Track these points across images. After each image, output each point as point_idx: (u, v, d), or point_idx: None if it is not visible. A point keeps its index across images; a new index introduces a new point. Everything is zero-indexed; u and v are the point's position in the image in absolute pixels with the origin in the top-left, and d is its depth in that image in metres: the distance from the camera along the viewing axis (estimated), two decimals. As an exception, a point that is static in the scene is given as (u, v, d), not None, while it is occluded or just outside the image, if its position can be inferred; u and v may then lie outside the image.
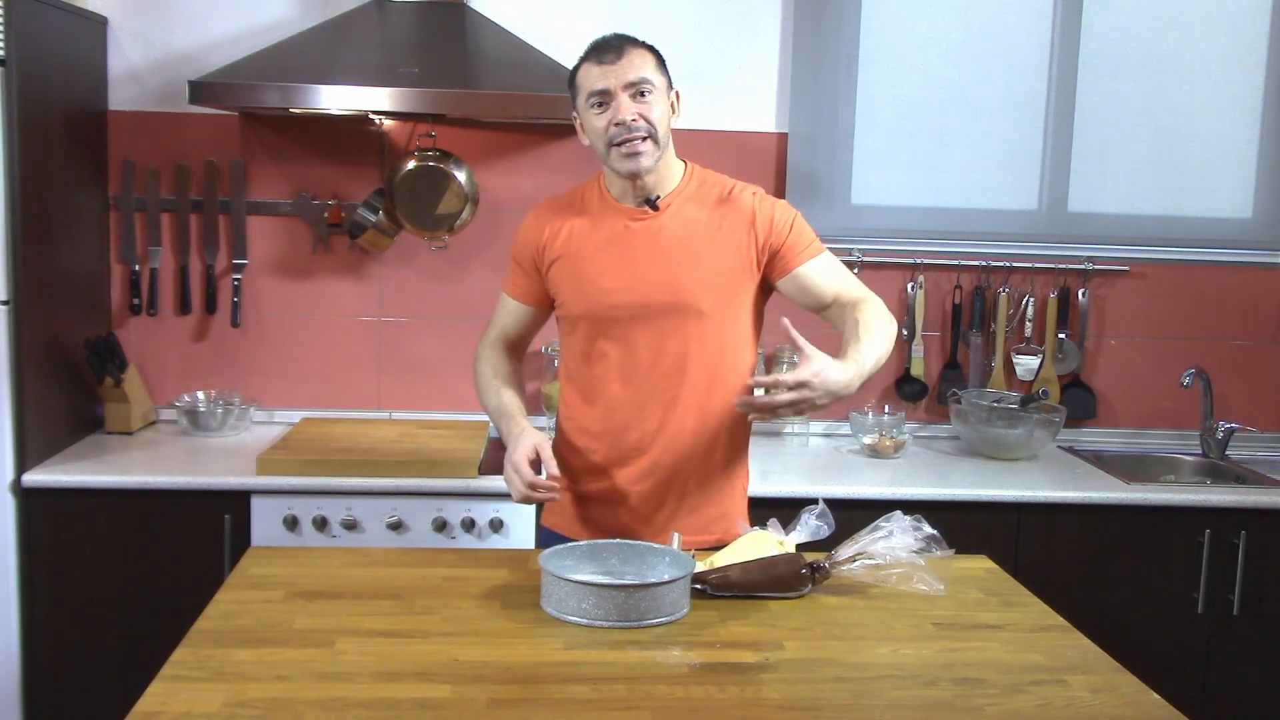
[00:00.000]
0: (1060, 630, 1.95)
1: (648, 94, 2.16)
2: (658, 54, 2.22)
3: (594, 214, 2.27)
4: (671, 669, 1.72)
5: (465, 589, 2.02)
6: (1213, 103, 3.57)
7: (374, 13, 3.17)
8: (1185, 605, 3.05)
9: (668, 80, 2.22)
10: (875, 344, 2.15)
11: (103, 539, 2.86)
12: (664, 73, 2.21)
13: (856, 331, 2.15)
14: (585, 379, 2.28)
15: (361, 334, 3.44)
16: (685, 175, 2.28)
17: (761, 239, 2.23)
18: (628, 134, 2.14)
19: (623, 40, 2.19)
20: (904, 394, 3.55)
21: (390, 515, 2.88)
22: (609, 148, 2.17)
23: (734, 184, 2.30)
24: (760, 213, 2.24)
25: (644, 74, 2.15)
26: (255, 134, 3.36)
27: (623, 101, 2.14)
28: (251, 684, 1.64)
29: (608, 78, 2.15)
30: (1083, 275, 3.55)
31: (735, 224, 2.23)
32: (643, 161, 2.16)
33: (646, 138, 2.15)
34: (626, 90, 2.14)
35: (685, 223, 2.23)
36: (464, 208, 3.29)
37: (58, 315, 3.05)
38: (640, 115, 2.14)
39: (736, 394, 2.13)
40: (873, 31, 3.48)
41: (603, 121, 2.16)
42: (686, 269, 2.20)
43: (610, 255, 2.23)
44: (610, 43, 2.18)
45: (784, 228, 2.24)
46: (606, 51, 2.16)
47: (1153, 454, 3.54)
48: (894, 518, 2.06)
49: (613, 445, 2.26)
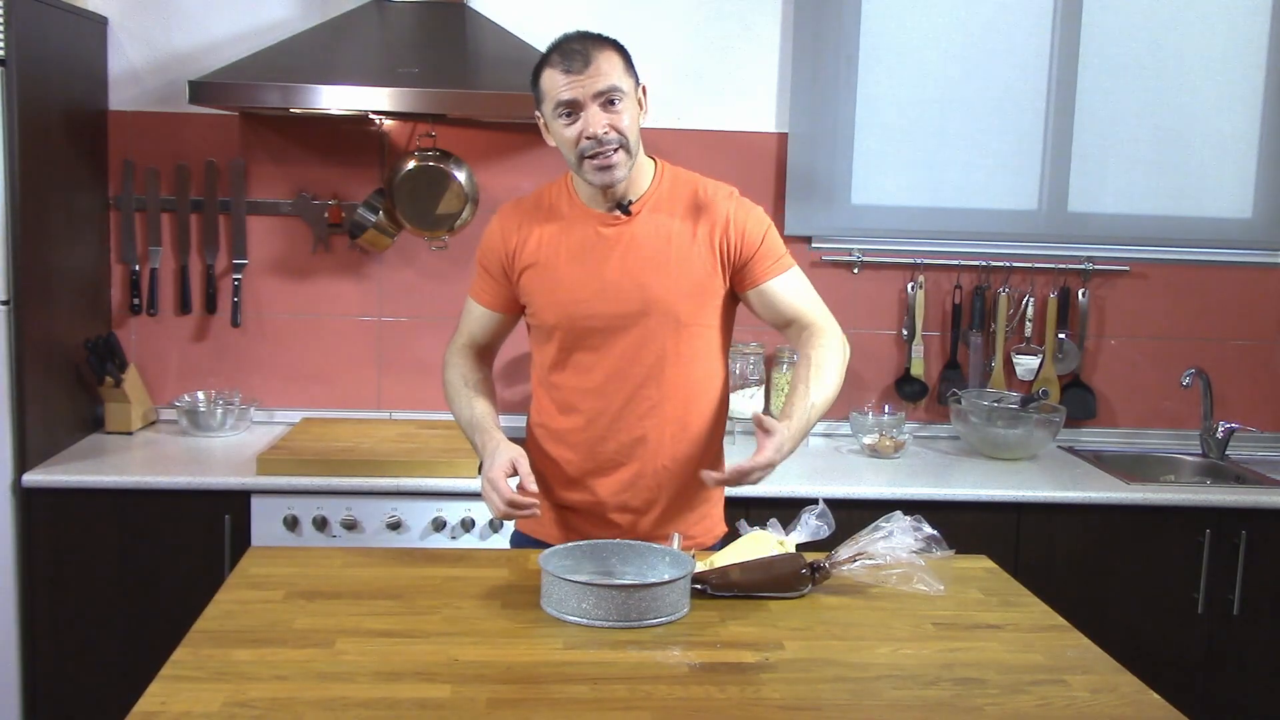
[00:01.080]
0: (1060, 630, 1.95)
1: (618, 102, 2.09)
2: (624, 52, 2.15)
3: (563, 219, 2.22)
4: (671, 669, 1.72)
5: (465, 589, 2.02)
6: (1213, 103, 3.57)
7: (374, 13, 3.17)
8: (1185, 605, 3.05)
9: (635, 79, 2.15)
10: (824, 389, 2.18)
11: (103, 539, 2.86)
12: (631, 72, 2.14)
13: (808, 378, 2.17)
14: (560, 389, 2.24)
15: (361, 334, 3.44)
16: (656, 176, 2.23)
17: (733, 247, 2.20)
18: (599, 147, 2.08)
19: (588, 43, 2.10)
20: (904, 394, 3.55)
21: (390, 515, 2.88)
22: (580, 160, 2.11)
23: (706, 184, 2.25)
24: (735, 220, 2.20)
25: (613, 81, 2.08)
26: (255, 134, 3.36)
27: (592, 113, 2.08)
28: (251, 684, 1.64)
29: (575, 88, 2.07)
30: (1083, 275, 3.55)
31: (708, 229, 2.20)
32: (616, 174, 2.12)
33: (618, 148, 2.10)
34: (596, 100, 2.08)
35: (658, 227, 2.19)
36: (464, 208, 3.29)
37: (58, 315, 3.05)
38: (611, 126, 2.08)
39: (709, 402, 2.25)
40: (873, 31, 3.48)
41: (572, 133, 2.10)
42: (662, 276, 2.17)
43: (583, 264, 2.19)
44: (575, 48, 2.09)
45: (755, 239, 2.21)
46: (573, 58, 2.07)
47: (1153, 454, 3.54)
48: (894, 518, 2.06)
49: (589, 455, 2.24)
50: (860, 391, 3.54)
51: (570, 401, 2.24)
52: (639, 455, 2.22)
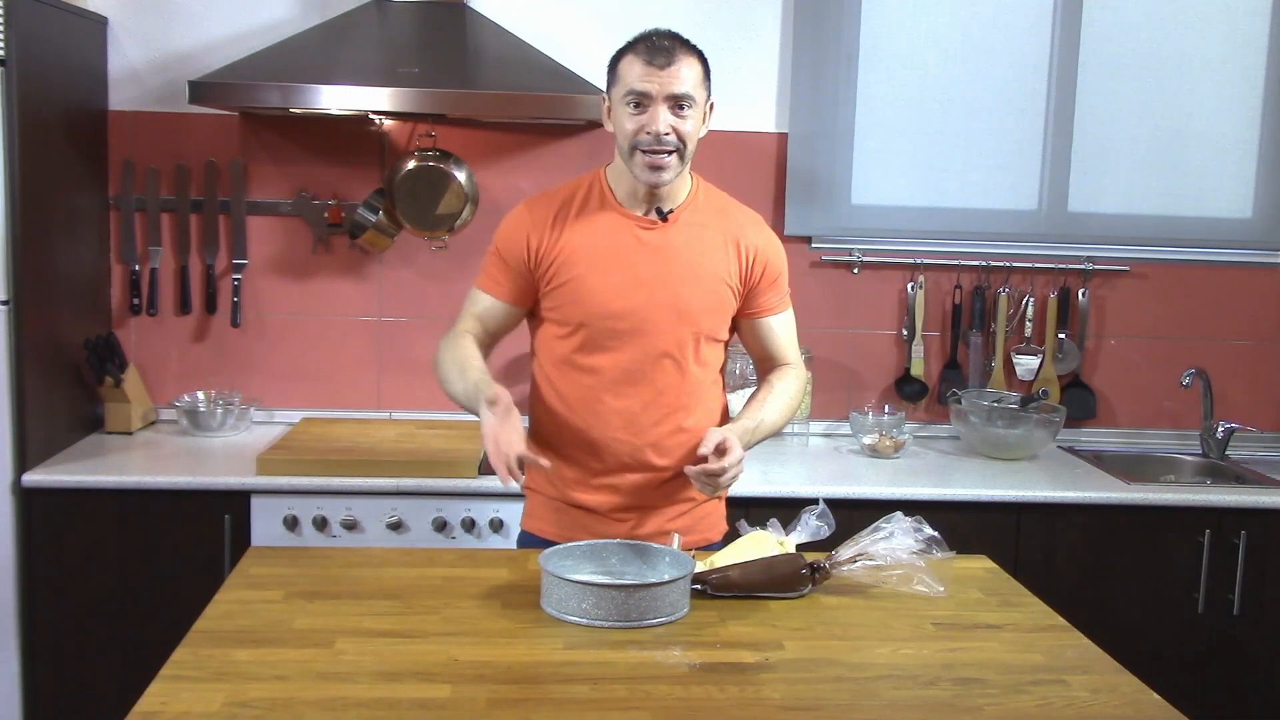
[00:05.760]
0: (1060, 630, 1.96)
1: (687, 108, 2.10)
2: (706, 65, 2.16)
3: (597, 219, 2.21)
4: (671, 669, 1.72)
5: (465, 589, 2.02)
6: (1213, 103, 3.57)
7: (374, 13, 3.17)
8: (1185, 605, 3.05)
9: (709, 93, 2.17)
10: (775, 411, 2.26)
11: (103, 539, 2.86)
12: (707, 86, 2.16)
13: (764, 399, 2.26)
14: (572, 386, 2.24)
15: (361, 334, 3.44)
16: (693, 187, 2.25)
17: (754, 275, 2.25)
18: (657, 145, 2.09)
19: (676, 44, 2.11)
20: (904, 394, 3.55)
21: (390, 515, 2.88)
22: (633, 151, 2.11)
23: (736, 206, 2.30)
24: (762, 251, 2.25)
25: (689, 87, 2.09)
26: (255, 134, 3.36)
27: (661, 111, 2.08)
28: (251, 684, 1.64)
29: (653, 81, 2.08)
30: (1083, 275, 3.55)
31: (737, 250, 2.23)
32: (665, 175, 2.12)
33: (674, 152, 2.10)
34: (668, 101, 2.08)
35: (693, 239, 2.21)
36: (464, 208, 3.29)
37: (58, 315, 3.05)
38: (674, 129, 2.09)
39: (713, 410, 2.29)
40: (873, 31, 3.48)
41: (635, 124, 2.10)
42: (695, 286, 2.19)
43: (617, 268, 2.18)
44: (664, 43, 2.09)
45: (774, 275, 2.27)
46: (658, 53, 2.08)
47: (1153, 454, 3.54)
48: (895, 518, 2.06)
49: (598, 456, 2.24)
50: (860, 391, 3.54)
51: (581, 399, 2.23)
52: (647, 456, 2.23)
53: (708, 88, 2.17)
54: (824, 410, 3.52)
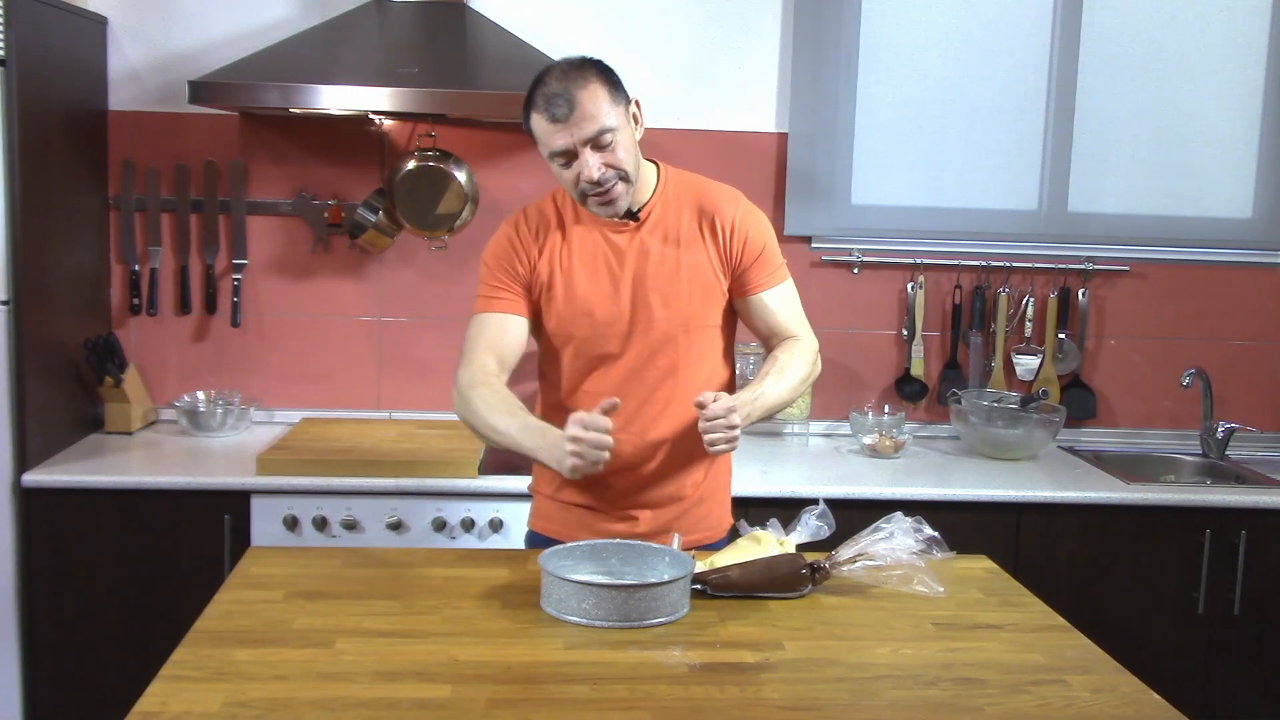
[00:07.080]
0: (1060, 630, 1.95)
1: (609, 138, 2.06)
2: (606, 76, 2.08)
3: (572, 232, 2.21)
4: (671, 669, 1.72)
5: (465, 589, 2.02)
6: (1213, 103, 3.57)
7: (374, 13, 3.17)
8: (1185, 605, 3.05)
9: (624, 100, 2.11)
10: (779, 386, 2.19)
11: (103, 539, 2.86)
12: (619, 97, 2.09)
13: (766, 374, 2.20)
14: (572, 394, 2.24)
15: (361, 334, 3.44)
16: (660, 180, 2.23)
17: (735, 253, 2.21)
18: (598, 188, 2.08)
19: (568, 83, 2.04)
20: (904, 394, 3.55)
21: (390, 515, 2.88)
22: (583, 198, 2.11)
23: (710, 186, 2.25)
24: (739, 226, 2.21)
25: (600, 122, 2.03)
26: (255, 134, 3.36)
27: (586, 158, 2.05)
28: (251, 684, 1.64)
29: (563, 135, 2.04)
30: (1083, 275, 3.55)
31: (713, 232, 2.21)
32: (619, 205, 2.12)
33: (618, 181, 2.09)
34: (587, 144, 2.05)
35: (666, 232, 2.20)
36: (464, 208, 3.29)
37: (58, 315, 3.05)
38: (607, 165, 2.06)
39: None
40: (873, 31, 3.48)
41: (570, 177, 2.09)
42: (673, 281, 2.18)
43: (593, 274, 2.19)
44: (556, 90, 2.04)
45: (757, 248, 2.22)
46: (556, 104, 2.03)
47: (1153, 454, 3.54)
48: (895, 519, 2.06)
49: None
50: (860, 391, 3.54)
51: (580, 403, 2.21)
52: (652, 454, 2.23)
53: (621, 96, 2.11)
54: (824, 410, 3.52)
